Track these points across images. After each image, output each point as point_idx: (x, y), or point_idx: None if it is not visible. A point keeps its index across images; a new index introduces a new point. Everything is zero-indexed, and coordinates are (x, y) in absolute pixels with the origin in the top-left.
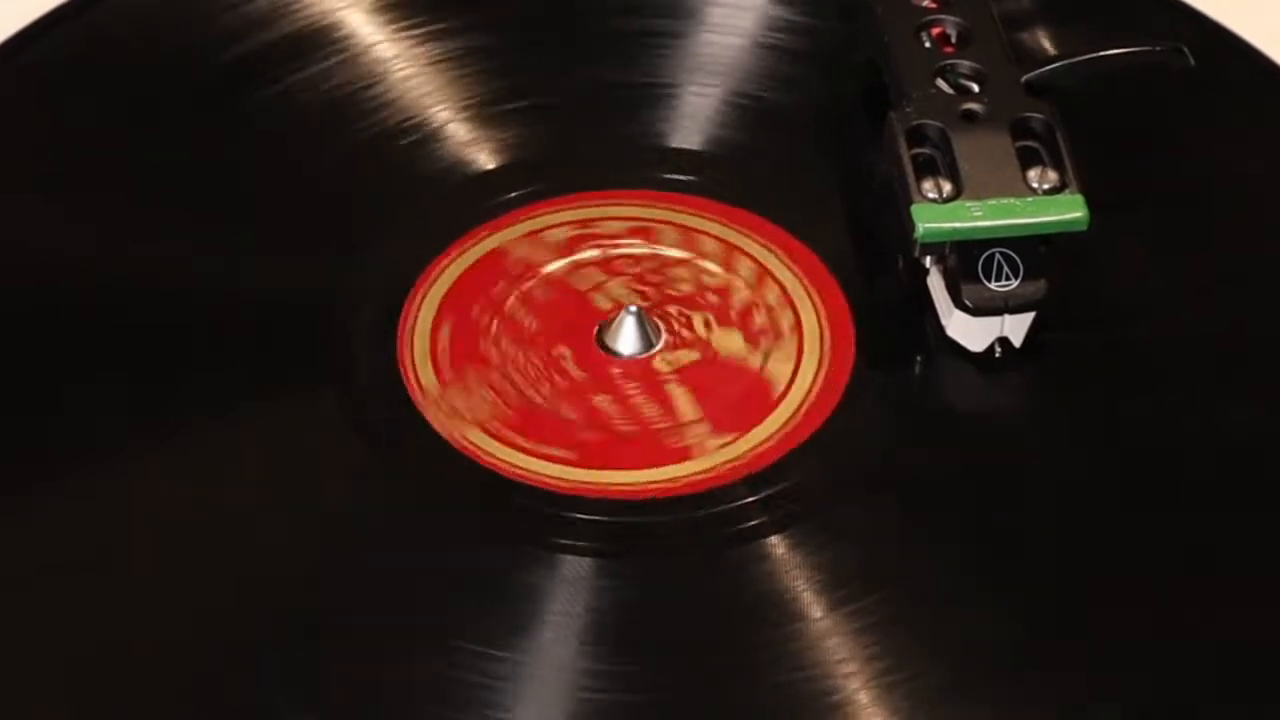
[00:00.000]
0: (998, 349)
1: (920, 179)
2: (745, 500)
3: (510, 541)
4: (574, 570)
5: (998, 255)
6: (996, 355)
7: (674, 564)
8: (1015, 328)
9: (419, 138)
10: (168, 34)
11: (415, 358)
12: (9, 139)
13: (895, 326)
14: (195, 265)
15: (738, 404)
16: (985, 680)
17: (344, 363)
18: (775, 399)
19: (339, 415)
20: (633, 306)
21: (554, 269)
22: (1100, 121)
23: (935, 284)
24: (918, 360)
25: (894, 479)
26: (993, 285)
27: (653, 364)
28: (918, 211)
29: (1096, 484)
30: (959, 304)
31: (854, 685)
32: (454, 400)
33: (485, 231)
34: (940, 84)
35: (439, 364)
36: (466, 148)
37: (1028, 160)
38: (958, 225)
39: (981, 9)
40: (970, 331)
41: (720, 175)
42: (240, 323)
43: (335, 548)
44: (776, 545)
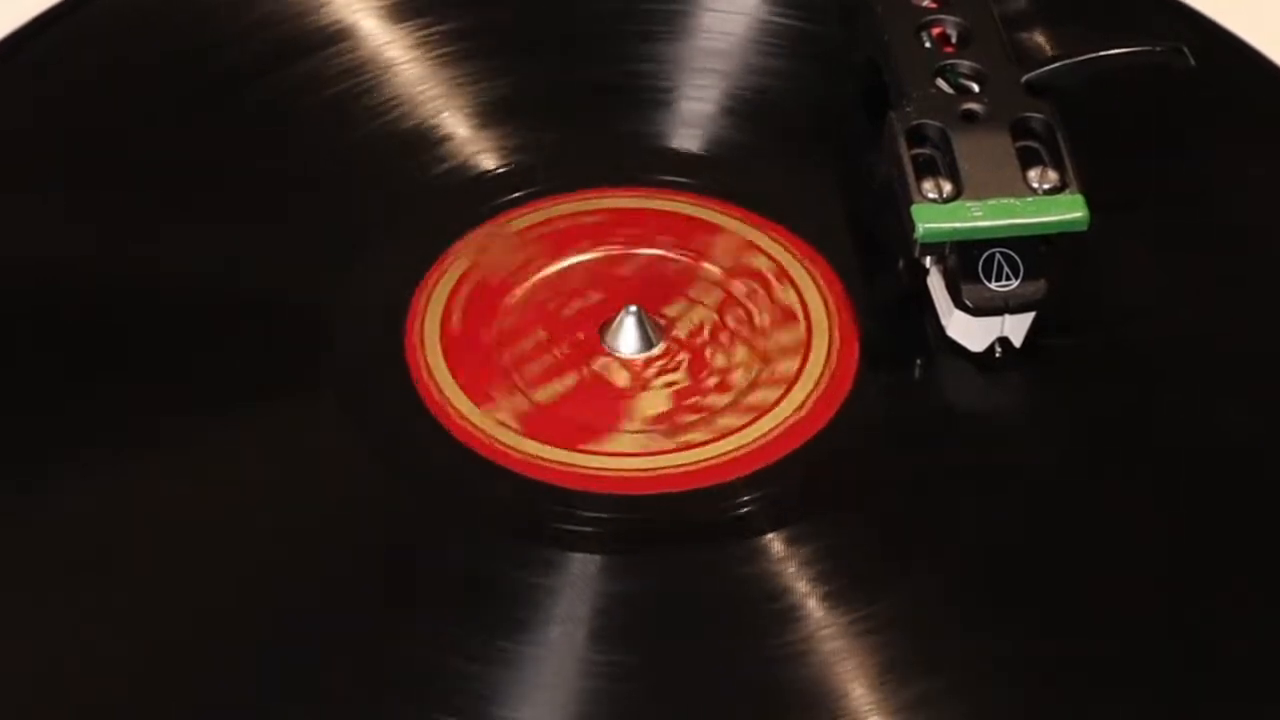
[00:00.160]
0: (998, 349)
1: (920, 179)
2: (744, 499)
3: (511, 539)
4: (573, 568)
5: (998, 255)
6: (997, 355)
7: (673, 563)
8: (1015, 328)
9: (420, 138)
10: (167, 34)
11: (426, 354)
12: (9, 139)
13: (895, 326)
14: (195, 265)
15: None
16: (984, 681)
17: (344, 362)
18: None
19: (339, 415)
20: (632, 306)
21: (555, 270)
22: (1100, 122)
23: (935, 284)
24: (918, 360)
25: (894, 479)
26: (993, 285)
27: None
28: (918, 212)
29: (1096, 484)
30: (959, 304)
31: (854, 685)
32: (497, 414)
33: (487, 233)
34: (940, 84)
35: (453, 366)
36: (468, 148)
37: (1028, 160)
38: (958, 225)
39: (982, 9)
40: (970, 332)
41: (721, 176)
42: (240, 323)
43: (335, 548)
44: (775, 544)
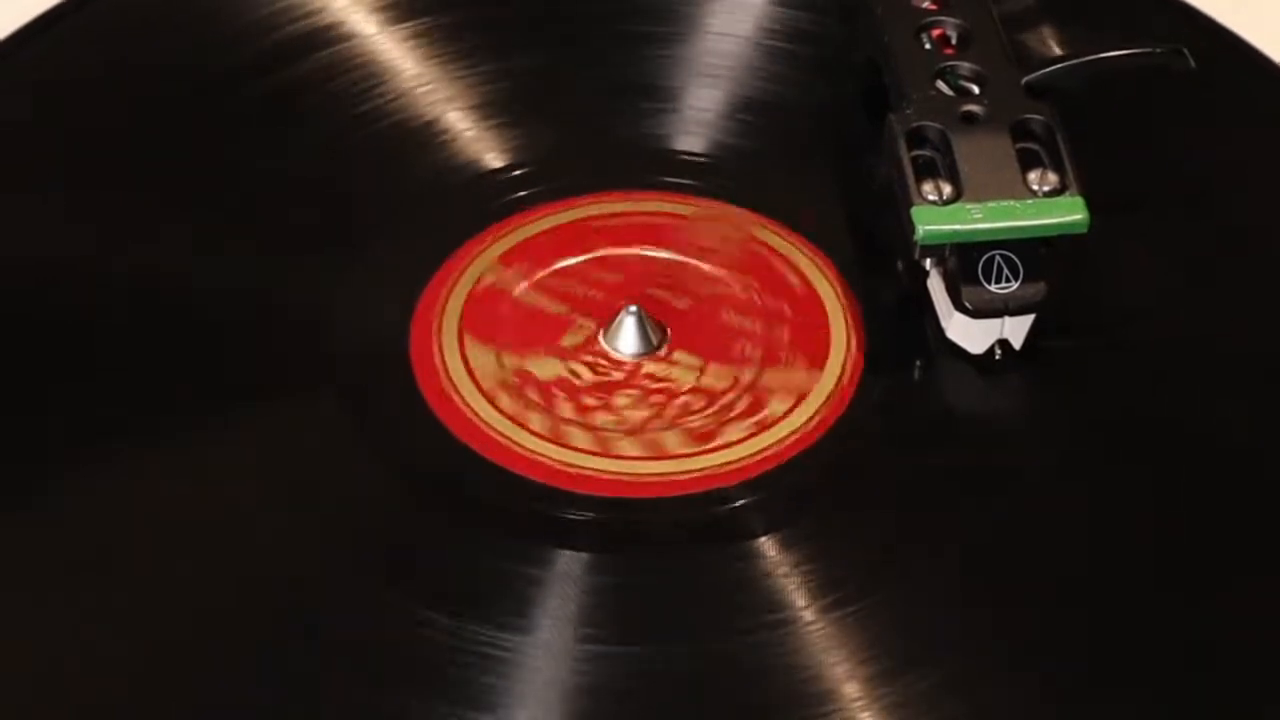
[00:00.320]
0: (998, 351)
1: (920, 181)
2: (745, 500)
3: (511, 538)
4: (573, 568)
5: (998, 257)
6: (996, 357)
7: (673, 564)
8: (1015, 330)
9: (421, 138)
10: (168, 34)
11: (427, 354)
12: (9, 139)
13: (895, 328)
14: (195, 265)
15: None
16: (985, 682)
17: (344, 362)
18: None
19: (339, 415)
20: (632, 307)
21: (559, 269)
22: (1100, 123)
23: (935, 286)
24: (918, 362)
25: (894, 480)
26: (993, 287)
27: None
28: (917, 214)
29: (1096, 486)
30: (959, 306)
31: (854, 686)
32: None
33: (489, 234)
34: (940, 85)
35: (470, 366)
36: (469, 148)
37: (1028, 162)
38: (958, 227)
39: (981, 10)
40: (970, 334)
41: (722, 177)
42: (240, 323)
43: (335, 548)
44: (775, 546)
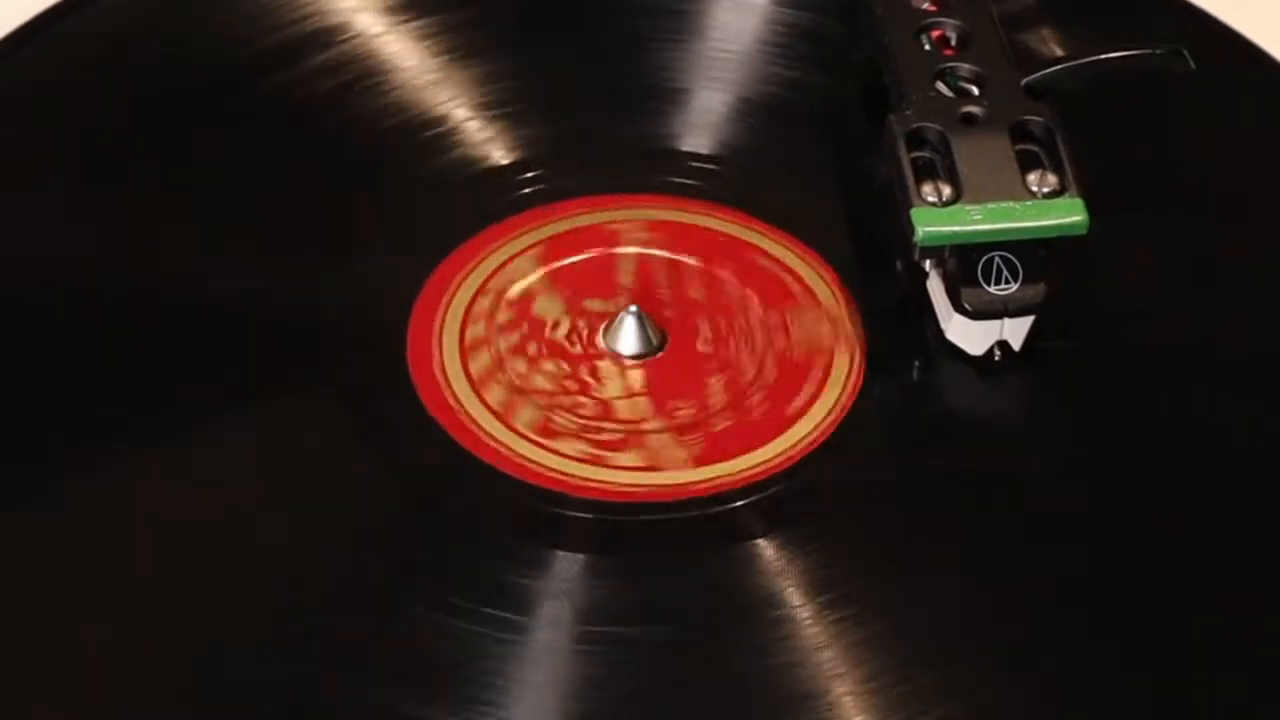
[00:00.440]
0: (997, 352)
1: (920, 182)
2: (745, 502)
3: (510, 539)
4: (573, 570)
5: (997, 259)
6: (996, 359)
7: (673, 565)
8: (1015, 331)
9: (421, 137)
10: (168, 34)
11: (427, 354)
12: (9, 139)
13: (895, 330)
14: (195, 265)
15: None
16: (984, 682)
17: (344, 362)
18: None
19: (339, 415)
20: (633, 307)
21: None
22: (1100, 124)
23: (935, 287)
24: (917, 363)
25: (894, 482)
26: (992, 289)
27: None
28: (917, 215)
29: (1096, 485)
30: (958, 308)
31: (854, 685)
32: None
33: (491, 235)
34: (940, 87)
35: (454, 365)
36: (468, 149)
37: (1027, 163)
38: (957, 229)
39: (981, 11)
40: (970, 335)
41: (722, 178)
42: (240, 323)
43: (335, 548)
44: (775, 547)
